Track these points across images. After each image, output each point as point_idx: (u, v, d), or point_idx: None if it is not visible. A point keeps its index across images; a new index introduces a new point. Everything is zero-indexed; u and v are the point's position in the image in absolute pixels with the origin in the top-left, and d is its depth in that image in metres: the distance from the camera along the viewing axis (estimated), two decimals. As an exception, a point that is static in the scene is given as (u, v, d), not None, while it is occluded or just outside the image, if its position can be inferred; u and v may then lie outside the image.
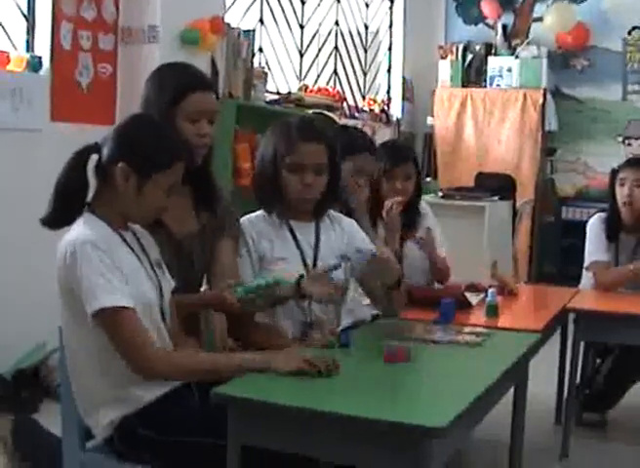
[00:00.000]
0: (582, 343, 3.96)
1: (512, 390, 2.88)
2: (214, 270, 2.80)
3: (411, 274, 3.73)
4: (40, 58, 4.57)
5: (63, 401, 2.50)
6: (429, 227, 3.85)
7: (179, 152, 2.37)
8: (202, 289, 2.85)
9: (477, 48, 8.52)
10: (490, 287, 3.60)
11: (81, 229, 2.27)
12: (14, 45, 4.63)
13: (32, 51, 4.65)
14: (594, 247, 4.42)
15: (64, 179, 2.32)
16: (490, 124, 8.27)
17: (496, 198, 7.01)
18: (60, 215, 2.32)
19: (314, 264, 2.90)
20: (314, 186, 2.87)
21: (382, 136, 7.92)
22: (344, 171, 3.42)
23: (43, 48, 4.64)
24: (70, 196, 2.32)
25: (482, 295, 3.60)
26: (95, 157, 2.35)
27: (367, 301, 3.11)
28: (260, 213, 3.00)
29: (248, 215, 2.98)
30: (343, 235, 3.03)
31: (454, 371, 2.50)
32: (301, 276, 2.68)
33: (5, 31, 4.60)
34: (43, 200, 2.34)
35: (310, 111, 6.19)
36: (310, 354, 2.32)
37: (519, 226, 7.73)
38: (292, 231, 2.94)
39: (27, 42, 4.67)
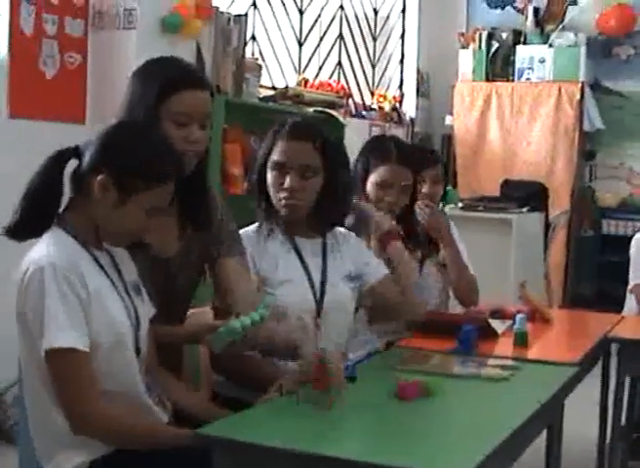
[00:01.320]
0: (628, 378, 3.93)
1: (545, 432, 2.87)
2: (217, 298, 2.78)
3: (427, 297, 3.75)
4: (-4, 45, 4.58)
5: (21, 444, 2.48)
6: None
7: (170, 171, 2.35)
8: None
9: (504, 35, 8.52)
10: (518, 312, 3.58)
11: (45, 247, 2.26)
12: (-35, 30, 4.63)
13: (-13, 37, 4.65)
14: (640, 266, 4.42)
15: (37, 185, 2.31)
16: (518, 123, 8.28)
17: (525, 209, 7.01)
18: (29, 226, 2.30)
19: (322, 286, 2.91)
20: (300, 191, 2.87)
21: (394, 137, 7.90)
22: (369, 184, 3.47)
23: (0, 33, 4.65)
24: (42, 204, 2.31)
25: (509, 322, 3.58)
26: (73, 162, 2.34)
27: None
28: (257, 226, 3.00)
29: (245, 229, 2.98)
30: (350, 255, 3.05)
31: (476, 411, 2.49)
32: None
33: (-46, 14, 4.60)
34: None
35: (311, 109, 6.19)
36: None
37: (552, 242, 7.73)
38: (296, 248, 2.94)
39: (-19, 26, 4.67)
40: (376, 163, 3.53)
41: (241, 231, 2.95)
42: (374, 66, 8.33)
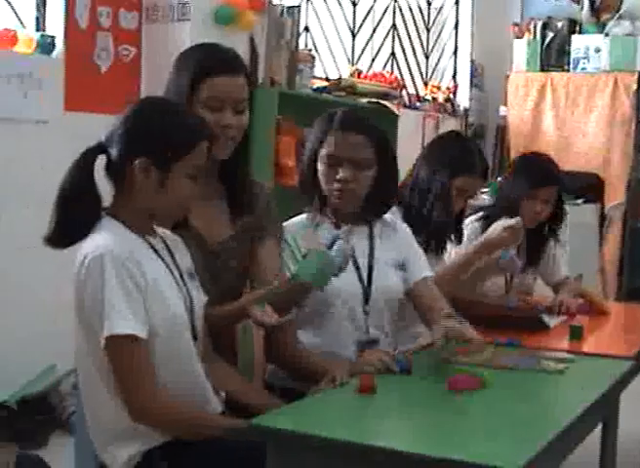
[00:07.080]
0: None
1: (600, 427, 2.85)
2: (254, 275, 2.80)
3: None
4: (52, 37, 4.62)
5: (77, 433, 2.51)
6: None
7: (199, 130, 2.37)
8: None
9: (559, 25, 8.46)
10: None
11: (101, 237, 2.27)
12: (22, 23, 4.69)
13: (43, 30, 4.71)
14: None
15: (69, 190, 2.31)
16: (573, 114, 8.21)
17: (580, 201, 6.96)
18: (68, 232, 2.31)
19: (369, 271, 2.91)
20: (353, 183, 2.86)
21: (447, 128, 7.89)
22: (453, 187, 3.50)
23: (56, 26, 4.69)
24: (78, 209, 2.31)
25: (564, 317, 3.58)
26: (102, 158, 2.35)
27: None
28: (304, 216, 3.00)
29: (291, 220, 2.99)
30: (398, 243, 3.04)
31: (529, 404, 2.47)
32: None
33: (11, 7, 4.65)
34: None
35: (364, 100, 6.19)
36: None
37: (608, 234, 7.67)
38: None
39: (37, 19, 4.72)
40: (461, 170, 3.52)
41: (289, 221, 2.97)
42: (427, 57, 8.30)
